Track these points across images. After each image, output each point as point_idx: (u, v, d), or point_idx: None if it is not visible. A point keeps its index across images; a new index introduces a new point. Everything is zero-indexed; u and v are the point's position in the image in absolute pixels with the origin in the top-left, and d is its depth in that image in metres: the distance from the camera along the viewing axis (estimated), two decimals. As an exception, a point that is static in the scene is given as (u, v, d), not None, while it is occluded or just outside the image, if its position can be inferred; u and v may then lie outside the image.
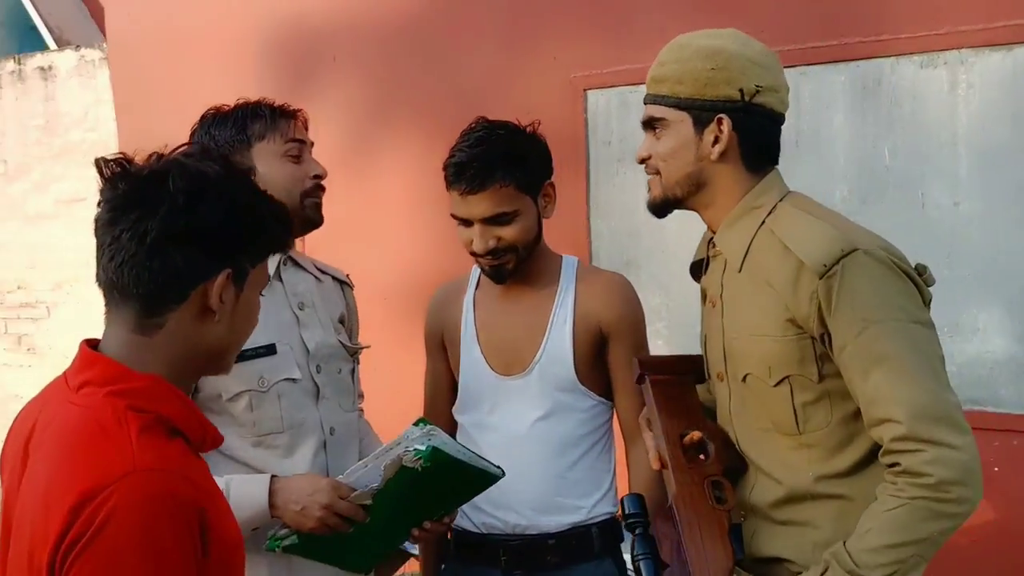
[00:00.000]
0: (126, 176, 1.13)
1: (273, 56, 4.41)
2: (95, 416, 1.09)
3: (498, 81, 3.87)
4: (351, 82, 4.22)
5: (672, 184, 1.57)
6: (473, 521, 1.94)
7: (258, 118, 1.83)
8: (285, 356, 1.80)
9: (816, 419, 1.49)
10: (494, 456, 1.90)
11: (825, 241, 1.44)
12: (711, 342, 1.64)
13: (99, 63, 5.14)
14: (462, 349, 1.97)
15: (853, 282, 1.41)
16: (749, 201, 1.55)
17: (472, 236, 1.85)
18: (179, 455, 1.12)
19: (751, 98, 1.51)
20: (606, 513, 1.95)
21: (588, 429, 1.94)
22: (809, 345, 1.47)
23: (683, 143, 1.54)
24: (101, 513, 1.01)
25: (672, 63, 1.54)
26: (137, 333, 1.15)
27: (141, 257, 1.11)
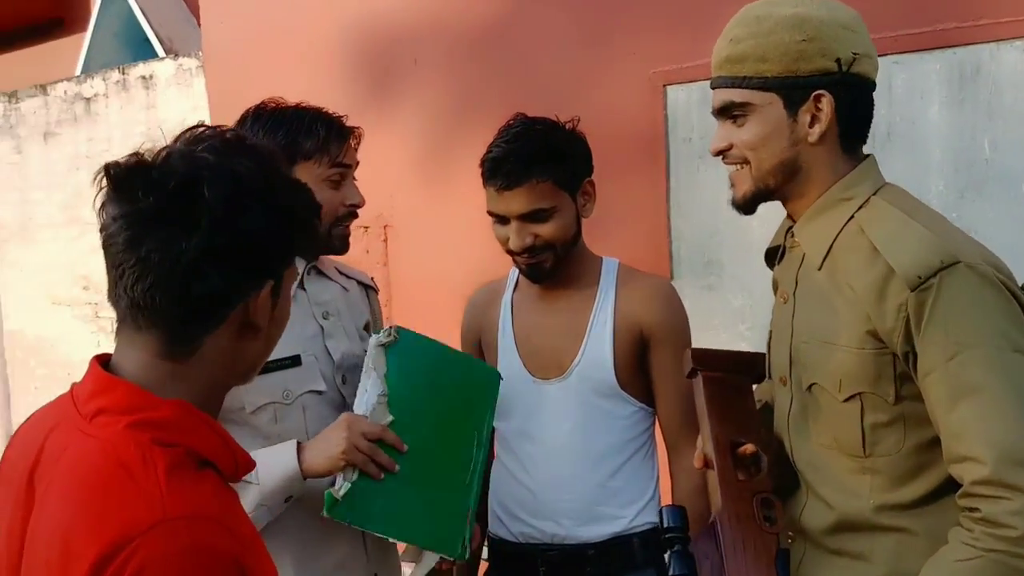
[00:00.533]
0: (150, 186, 0.97)
1: (356, 60, 4.46)
2: (116, 453, 0.97)
3: (576, 79, 3.81)
4: (431, 84, 4.23)
5: (765, 173, 1.41)
6: (510, 530, 1.89)
7: (311, 135, 1.75)
8: (310, 367, 1.77)
9: (886, 443, 1.35)
10: (531, 465, 1.84)
11: (922, 248, 1.28)
12: (777, 341, 1.50)
13: (195, 71, 5.30)
14: (499, 353, 1.92)
15: (950, 299, 1.25)
16: (838, 192, 1.40)
17: (508, 233, 1.81)
18: (212, 495, 0.99)
19: (849, 67, 1.35)
20: (648, 523, 1.88)
21: (629, 436, 1.87)
22: (889, 362, 1.32)
23: (775, 128, 1.38)
24: (129, 568, 0.90)
25: (750, 39, 1.38)
26: (163, 358, 1.01)
27: (176, 280, 0.97)
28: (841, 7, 1.40)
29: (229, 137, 1.05)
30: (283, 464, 1.62)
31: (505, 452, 1.92)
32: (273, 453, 1.65)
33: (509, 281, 1.99)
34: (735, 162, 1.45)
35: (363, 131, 1.88)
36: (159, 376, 1.02)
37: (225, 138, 1.05)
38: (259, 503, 1.62)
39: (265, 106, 1.82)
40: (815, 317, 1.41)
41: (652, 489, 1.91)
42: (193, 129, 1.06)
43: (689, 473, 1.86)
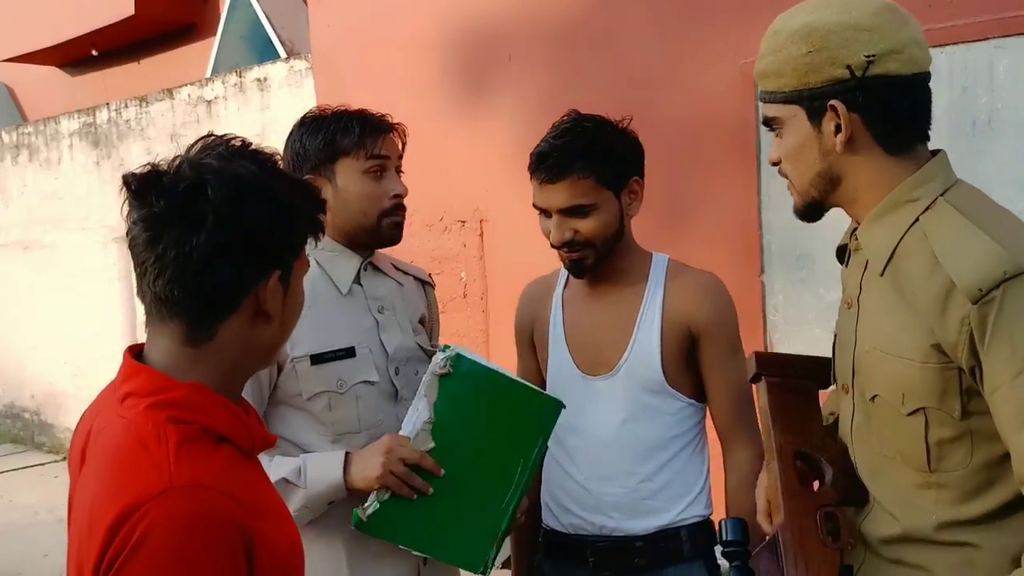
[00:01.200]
0: (160, 191, 1.08)
1: (453, 58, 4.55)
2: (136, 430, 1.08)
3: (668, 72, 3.79)
4: (524, 80, 4.27)
5: (806, 186, 1.39)
6: (561, 522, 1.93)
7: (347, 132, 1.85)
8: (364, 359, 1.84)
9: (953, 459, 1.29)
10: (581, 459, 1.87)
11: (985, 258, 1.21)
12: (841, 348, 1.45)
13: (305, 72, 5.50)
14: (550, 348, 1.96)
15: (1015, 311, 1.18)
16: (903, 193, 1.33)
17: (550, 227, 1.84)
18: (223, 467, 1.09)
19: (864, 72, 1.30)
20: (697, 516, 1.89)
21: (677, 431, 1.87)
22: (955, 376, 1.26)
23: (804, 140, 1.36)
24: (137, 532, 1.00)
25: (769, 55, 1.36)
26: (186, 345, 1.12)
27: (190, 274, 1.08)
28: (863, 4, 1.34)
29: (234, 144, 1.16)
30: (330, 474, 1.72)
31: (556, 446, 1.91)
32: (323, 461, 1.75)
33: (560, 276, 2.01)
34: (784, 175, 1.44)
35: (405, 127, 1.96)
36: (180, 361, 1.13)
37: (230, 145, 1.16)
38: (304, 505, 1.73)
39: (312, 112, 1.94)
40: (879, 326, 1.35)
41: (701, 483, 1.91)
42: (204, 139, 1.17)
43: (741, 467, 1.87)
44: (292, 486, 1.72)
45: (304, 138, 1.88)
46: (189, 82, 6.56)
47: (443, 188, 4.60)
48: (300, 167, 1.87)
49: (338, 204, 1.86)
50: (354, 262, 1.91)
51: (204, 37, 9.57)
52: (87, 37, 9.82)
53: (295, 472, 1.74)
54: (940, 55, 3.12)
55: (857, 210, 1.40)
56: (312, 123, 1.89)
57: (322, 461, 1.75)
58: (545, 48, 4.20)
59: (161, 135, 6.58)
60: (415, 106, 4.68)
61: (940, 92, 3.12)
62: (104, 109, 7.26)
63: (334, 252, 1.90)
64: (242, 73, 6.00)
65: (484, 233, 4.57)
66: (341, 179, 1.86)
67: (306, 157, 1.86)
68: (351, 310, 1.88)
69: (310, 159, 1.86)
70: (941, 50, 3.12)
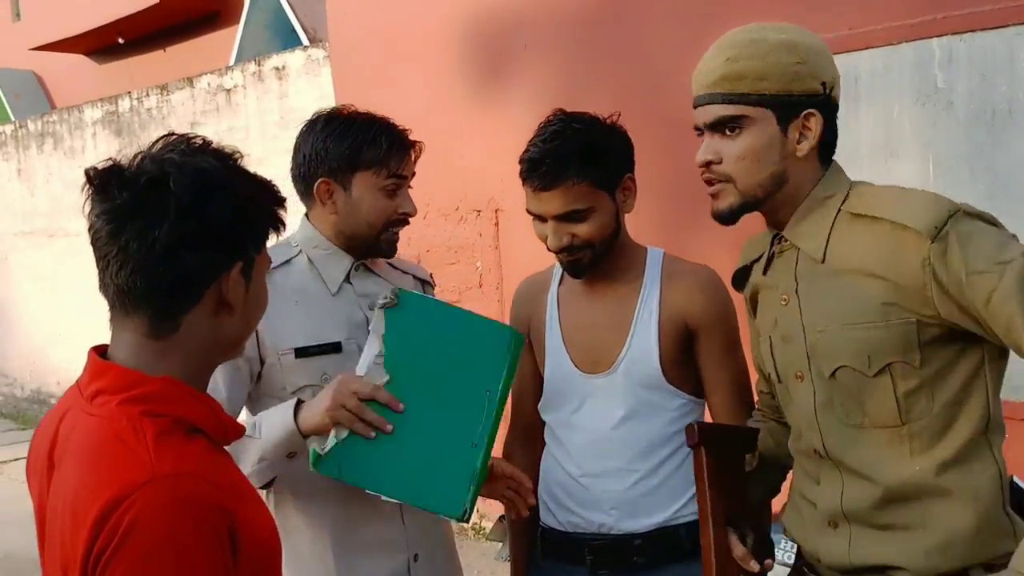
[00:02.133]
0: (124, 184, 1.09)
1: (469, 46, 4.52)
2: (111, 426, 1.09)
3: (688, 61, 3.73)
4: (540, 68, 4.24)
5: (753, 185, 1.49)
6: (559, 519, 1.91)
7: (374, 146, 1.81)
8: (351, 355, 1.82)
9: (919, 407, 1.42)
10: (579, 456, 1.85)
11: (929, 205, 1.39)
12: (786, 341, 1.54)
13: (323, 61, 5.50)
14: (547, 347, 1.93)
15: (969, 237, 1.35)
16: (819, 192, 1.51)
17: (546, 232, 1.81)
18: (200, 456, 1.11)
19: (830, 91, 1.48)
20: (694, 513, 1.85)
21: (677, 428, 1.84)
22: (913, 329, 1.40)
23: (768, 141, 1.47)
24: (124, 523, 1.01)
25: (749, 59, 1.46)
26: (150, 338, 1.13)
27: (152, 264, 1.09)
28: (815, 37, 1.51)
29: (196, 142, 1.17)
30: (281, 420, 1.69)
31: (554, 443, 1.90)
32: (275, 411, 1.69)
33: (555, 274, 1.97)
34: (717, 179, 1.51)
35: (424, 145, 1.93)
36: (148, 356, 1.13)
37: (191, 142, 1.17)
38: (260, 457, 1.70)
39: (339, 112, 1.89)
40: (829, 305, 1.47)
41: None
42: (165, 137, 1.19)
43: None
44: (247, 439, 1.69)
45: (328, 139, 1.82)
46: (209, 71, 6.58)
47: (459, 178, 4.59)
48: (316, 166, 1.83)
49: (347, 211, 1.84)
50: (345, 262, 1.89)
51: (228, 25, 9.62)
52: (113, 25, 9.92)
53: (251, 426, 1.72)
54: (959, 43, 3.06)
55: (780, 214, 1.53)
56: (340, 126, 1.84)
57: (275, 412, 1.72)
58: (561, 36, 4.16)
59: (182, 123, 6.62)
60: (431, 94, 4.67)
61: (959, 80, 3.10)
62: (126, 98, 7.31)
63: (327, 252, 1.89)
64: (261, 62, 6.01)
65: (499, 223, 4.55)
66: (357, 190, 1.83)
67: (325, 159, 1.82)
68: (341, 307, 1.87)
69: (329, 162, 1.82)
70: (960, 37, 3.06)
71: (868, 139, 3.26)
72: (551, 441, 1.94)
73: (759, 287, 1.63)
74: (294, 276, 1.86)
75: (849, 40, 3.25)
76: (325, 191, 1.83)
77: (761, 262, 1.62)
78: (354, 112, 1.87)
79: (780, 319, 1.55)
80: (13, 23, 11.88)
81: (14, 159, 8.76)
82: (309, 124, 1.88)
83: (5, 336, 9.24)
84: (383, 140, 1.82)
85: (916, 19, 3.13)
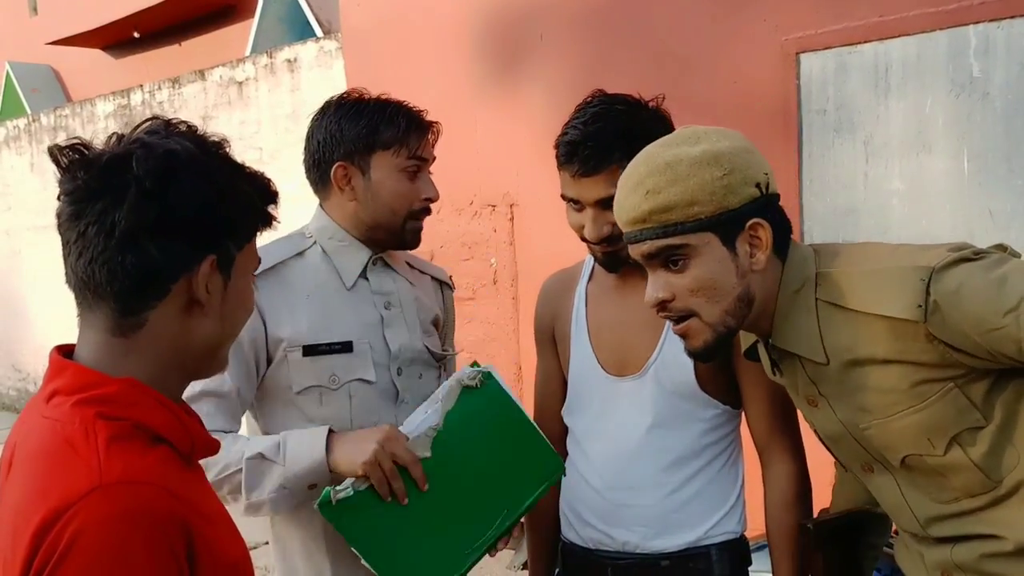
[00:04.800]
0: (85, 163, 1.01)
1: (484, 38, 4.41)
2: (62, 429, 1.00)
3: (705, 49, 3.61)
4: (557, 59, 4.12)
5: (723, 315, 1.37)
6: (580, 535, 1.77)
7: (391, 125, 1.73)
8: (362, 355, 1.73)
9: (1006, 462, 1.31)
10: (603, 466, 1.73)
11: (898, 283, 1.28)
12: (836, 440, 1.44)
13: (335, 53, 5.40)
14: (572, 345, 1.79)
15: (960, 298, 1.23)
16: (788, 289, 1.39)
17: (584, 221, 1.67)
18: (159, 464, 1.01)
19: (767, 188, 1.36)
20: (729, 532, 1.72)
21: (710, 440, 1.71)
22: (958, 395, 1.29)
23: (719, 265, 1.35)
24: (65, 536, 0.92)
25: (670, 186, 1.34)
26: (114, 335, 1.04)
27: (112, 252, 1.00)
28: (732, 134, 1.39)
29: (175, 125, 1.08)
30: (311, 450, 1.59)
31: (576, 451, 1.79)
32: (304, 436, 1.62)
33: (584, 269, 1.84)
34: (679, 315, 1.40)
35: (442, 126, 1.84)
36: (111, 354, 1.05)
37: (170, 125, 1.08)
38: (281, 484, 1.60)
39: (351, 95, 1.80)
40: (859, 404, 1.37)
41: (734, 497, 1.74)
42: (149, 121, 1.09)
43: (782, 482, 1.71)
44: (269, 463, 1.60)
45: (342, 121, 1.74)
46: (220, 63, 6.49)
47: (473, 172, 4.48)
48: (331, 150, 1.74)
49: (367, 197, 1.75)
50: (363, 255, 1.79)
51: (243, 19, 9.54)
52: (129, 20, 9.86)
53: (273, 447, 1.61)
54: (996, 29, 2.91)
55: (759, 327, 1.43)
56: (353, 107, 1.76)
57: (304, 437, 1.62)
58: (578, 27, 4.04)
59: (193, 117, 6.51)
60: (445, 87, 4.56)
61: (995, 70, 2.95)
62: (138, 91, 7.24)
63: (343, 243, 1.79)
64: (273, 54, 5.91)
65: (515, 218, 4.44)
66: (376, 172, 1.74)
67: (341, 141, 1.73)
68: (355, 304, 1.77)
69: (345, 144, 1.73)
70: (997, 24, 2.91)
71: (899, 132, 3.12)
72: (574, 450, 1.81)
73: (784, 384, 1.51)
74: (307, 269, 1.77)
75: (880, 27, 3.11)
76: (343, 176, 1.74)
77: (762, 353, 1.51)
78: (366, 94, 1.79)
79: (816, 422, 1.45)
80: (30, 18, 11.86)
81: (27, 153, 8.72)
82: (321, 110, 1.79)
83: (19, 330, 9.20)
84: (401, 119, 1.74)
85: (951, 5, 2.99)
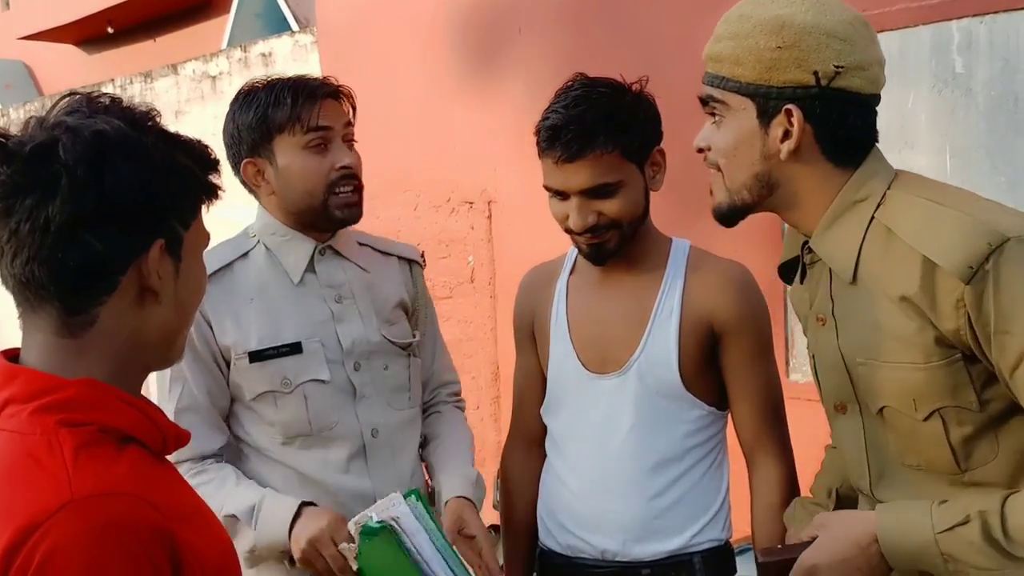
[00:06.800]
0: (6, 155, 0.93)
1: (462, 31, 4.36)
2: (22, 441, 0.94)
3: (684, 44, 3.56)
4: (536, 54, 4.07)
5: (738, 187, 1.30)
6: (558, 541, 1.71)
7: (279, 105, 1.65)
8: (313, 355, 1.68)
9: (980, 454, 1.22)
10: (581, 469, 1.66)
11: (963, 235, 1.15)
12: (826, 367, 1.35)
13: (311, 47, 5.33)
14: (551, 341, 1.73)
15: (1012, 282, 1.12)
16: (848, 195, 1.27)
17: (568, 211, 1.60)
18: (131, 470, 0.95)
19: (829, 82, 1.23)
20: (713, 540, 1.66)
21: (695, 442, 1.65)
22: (962, 368, 1.19)
23: (746, 136, 1.28)
24: (37, 556, 0.86)
25: (730, 39, 1.26)
26: (63, 336, 0.97)
27: (50, 249, 0.93)
28: (839, 10, 1.26)
29: (100, 102, 1.00)
30: (282, 524, 1.58)
31: (555, 453, 1.73)
32: (278, 507, 1.60)
33: (567, 261, 1.78)
34: (712, 167, 1.34)
35: (350, 90, 1.75)
36: (62, 356, 0.98)
37: (93, 101, 1.00)
38: (251, 548, 1.60)
39: (245, 88, 1.73)
40: (866, 336, 1.27)
41: (719, 503, 1.69)
42: (67, 97, 1.01)
43: (769, 486, 1.66)
44: (242, 525, 1.60)
45: (237, 117, 1.68)
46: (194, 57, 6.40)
47: (450, 167, 4.42)
48: (238, 151, 1.69)
49: (281, 185, 1.68)
50: (307, 246, 1.73)
51: (218, 15, 9.44)
52: (103, 15, 9.75)
53: (248, 511, 1.60)
54: (980, 25, 2.88)
55: (796, 216, 1.32)
56: (244, 99, 1.69)
57: (277, 507, 1.60)
58: (556, 21, 3.99)
59: (166, 111, 6.40)
60: (421, 82, 4.49)
61: (979, 65, 2.92)
62: (109, 85, 7.13)
63: (285, 237, 1.72)
64: (247, 48, 5.84)
65: (492, 215, 4.38)
66: (281, 158, 1.67)
67: (241, 139, 1.67)
68: (304, 301, 1.71)
69: (245, 140, 1.67)
70: (980, 20, 2.88)
71: (882, 128, 3.05)
72: (552, 451, 1.74)
73: (793, 296, 1.43)
74: (251, 270, 1.71)
75: (862, 22, 3.08)
76: (255, 173, 1.69)
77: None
78: (260, 81, 1.71)
79: (818, 342, 1.36)
80: (2, 12, 11.69)
81: (-2, 148, 8.59)
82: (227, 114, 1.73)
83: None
84: (286, 95, 1.66)
85: (934, 0, 2.96)
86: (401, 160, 4.45)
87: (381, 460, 1.72)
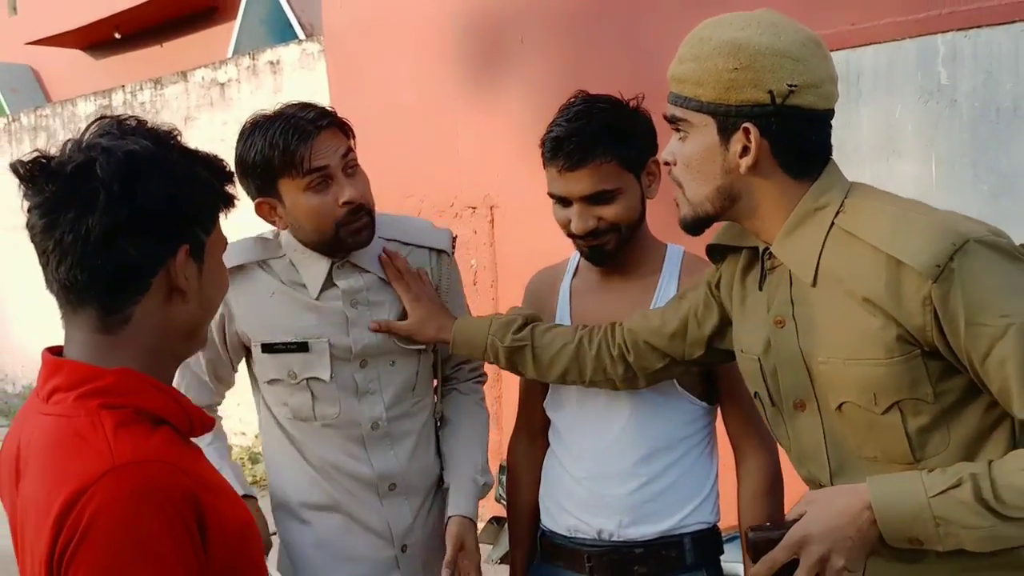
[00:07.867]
0: (50, 175, 1.05)
1: (465, 40, 4.46)
2: (69, 423, 1.06)
3: (683, 55, 3.68)
4: (537, 63, 4.18)
5: (701, 199, 1.38)
6: (557, 521, 1.84)
7: (275, 150, 1.67)
8: (319, 355, 1.80)
9: (933, 444, 1.30)
10: (581, 457, 1.79)
11: (930, 236, 1.23)
12: (786, 366, 1.42)
13: (318, 55, 5.44)
14: None
15: (976, 279, 1.21)
16: (808, 203, 1.35)
17: (570, 216, 1.73)
18: (164, 444, 1.07)
19: (783, 100, 1.30)
20: (702, 523, 1.78)
21: (686, 433, 1.78)
22: (920, 364, 1.27)
23: (708, 152, 1.35)
24: (85, 516, 0.99)
25: (691, 61, 1.34)
26: (101, 333, 1.09)
27: (91, 256, 1.05)
28: (793, 31, 1.33)
29: (128, 123, 1.13)
30: None
31: (557, 443, 1.86)
32: None
33: (569, 266, 1.90)
34: (673, 181, 1.43)
35: (345, 120, 1.78)
36: (101, 351, 1.10)
37: (121, 123, 1.12)
38: None
39: (248, 125, 1.74)
40: (827, 336, 1.34)
41: (708, 488, 1.81)
42: (98, 121, 1.14)
43: (755, 474, 1.78)
44: None
45: (242, 159, 1.72)
46: (202, 64, 6.52)
47: (453, 173, 4.53)
48: (248, 190, 1.75)
49: (292, 221, 1.77)
50: (323, 264, 1.82)
51: (225, 21, 9.54)
52: (110, 20, 9.84)
53: None
54: (964, 39, 3.00)
55: (758, 225, 1.40)
56: (246, 141, 1.72)
57: None
58: (558, 30, 4.10)
59: (175, 118, 6.55)
60: (426, 89, 4.60)
61: (963, 78, 3.03)
62: (120, 92, 7.25)
63: (305, 255, 1.83)
64: (255, 56, 5.95)
65: (495, 220, 4.49)
66: (287, 199, 1.73)
67: (249, 181, 1.73)
68: (319, 306, 1.83)
69: (252, 183, 1.74)
70: (965, 34, 3.00)
71: (870, 138, 3.19)
72: (555, 441, 1.87)
73: (745, 294, 1.51)
74: (277, 271, 1.83)
75: (851, 36, 3.19)
76: (268, 211, 1.77)
77: (744, 267, 1.50)
78: (258, 119, 1.74)
79: (775, 343, 1.42)
80: (10, 17, 11.80)
81: (7, 153, 8.69)
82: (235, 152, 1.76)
83: (-3, 331, 9.16)
84: (279, 140, 1.67)
85: (920, 14, 3.07)
86: (406, 166, 4.56)
87: (380, 449, 1.84)
